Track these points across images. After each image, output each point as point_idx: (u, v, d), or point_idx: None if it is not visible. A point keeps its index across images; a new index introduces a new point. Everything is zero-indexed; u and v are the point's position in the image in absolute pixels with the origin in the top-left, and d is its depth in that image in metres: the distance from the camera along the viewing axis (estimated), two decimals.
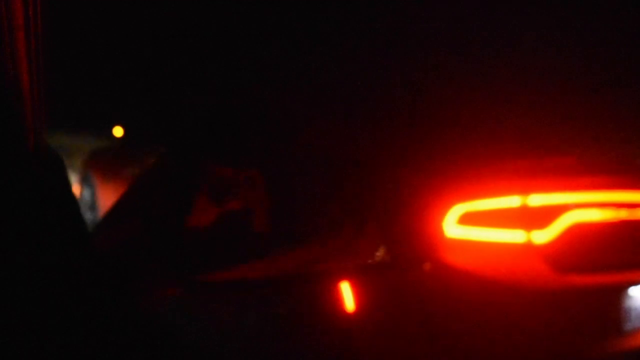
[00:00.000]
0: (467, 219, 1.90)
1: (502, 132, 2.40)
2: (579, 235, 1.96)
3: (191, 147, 2.69)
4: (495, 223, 1.91)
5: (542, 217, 1.94)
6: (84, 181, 5.28)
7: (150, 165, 2.93)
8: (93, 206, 4.89)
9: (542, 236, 1.93)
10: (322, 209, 2.18)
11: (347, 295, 1.88)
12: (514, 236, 1.92)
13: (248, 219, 2.28)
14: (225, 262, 2.13)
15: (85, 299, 1.08)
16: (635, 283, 2.00)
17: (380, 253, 1.96)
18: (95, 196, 4.97)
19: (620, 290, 1.99)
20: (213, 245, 2.25)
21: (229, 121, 2.72)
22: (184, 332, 2.00)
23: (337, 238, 2.09)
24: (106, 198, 4.43)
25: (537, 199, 1.94)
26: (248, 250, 2.20)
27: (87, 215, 4.62)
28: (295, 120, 2.55)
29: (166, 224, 2.35)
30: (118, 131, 4.76)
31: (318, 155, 2.29)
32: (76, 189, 5.56)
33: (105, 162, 4.95)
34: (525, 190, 1.94)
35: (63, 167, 1.15)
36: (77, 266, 1.10)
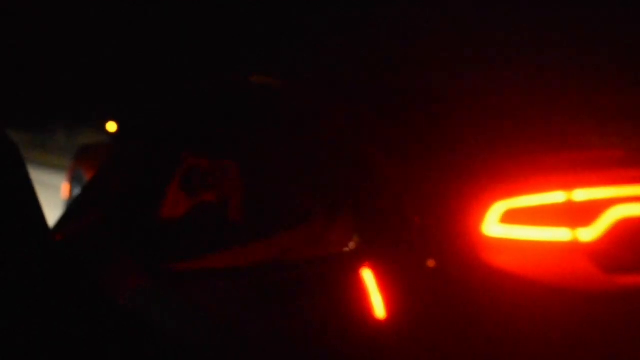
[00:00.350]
0: (509, 217, 1.78)
1: (541, 124, 2.29)
2: (626, 231, 1.84)
3: (165, 135, 2.58)
4: (538, 221, 1.79)
5: (588, 213, 1.82)
6: (75, 179, 5.10)
7: (118, 153, 2.83)
8: None
9: (588, 234, 1.81)
10: (296, 199, 2.12)
11: (374, 296, 1.75)
12: (558, 234, 1.80)
13: (221, 209, 2.21)
14: (197, 251, 2.06)
15: (44, 291, 1.04)
16: None
17: (353, 243, 1.89)
18: None
19: None
20: (185, 235, 2.17)
21: (207, 109, 2.61)
22: (155, 320, 1.91)
23: (309, 227, 2.03)
24: None
25: (583, 194, 1.82)
26: (220, 239, 2.12)
27: None
28: (296, 110, 2.41)
29: (137, 214, 2.26)
30: (112, 126, 4.62)
31: (315, 148, 2.17)
32: (66, 187, 5.38)
33: (97, 158, 4.78)
34: (569, 185, 1.81)
35: (19, 157, 1.13)
36: (34, 259, 1.05)
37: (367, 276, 1.77)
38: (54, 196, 5.76)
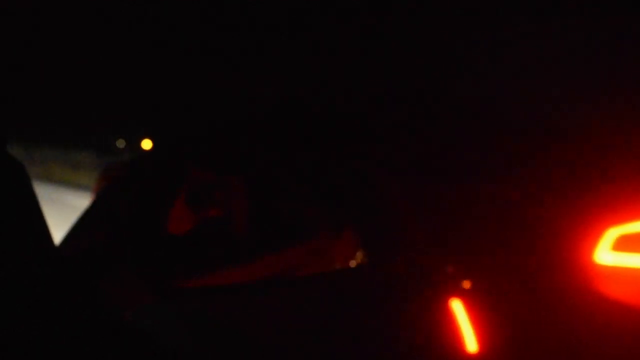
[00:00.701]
0: (623, 244, 1.67)
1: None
2: None
3: (172, 149, 2.58)
4: None
5: None
6: None
7: (129, 167, 2.83)
8: None
9: None
10: (302, 215, 2.10)
11: (465, 327, 1.61)
12: None
13: (227, 225, 2.21)
14: (203, 267, 2.05)
15: (47, 309, 1.05)
16: None
17: (357, 258, 1.86)
18: None
19: None
20: (191, 251, 2.15)
21: (218, 124, 2.61)
22: (161, 337, 1.88)
23: (315, 243, 2.01)
24: None
25: None
26: (227, 256, 2.11)
27: None
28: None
29: (143, 230, 2.26)
30: (147, 144, 4.60)
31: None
32: None
33: None
34: None
35: (24, 174, 1.15)
36: (38, 275, 1.07)
37: (456, 304, 1.65)
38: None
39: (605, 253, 1.67)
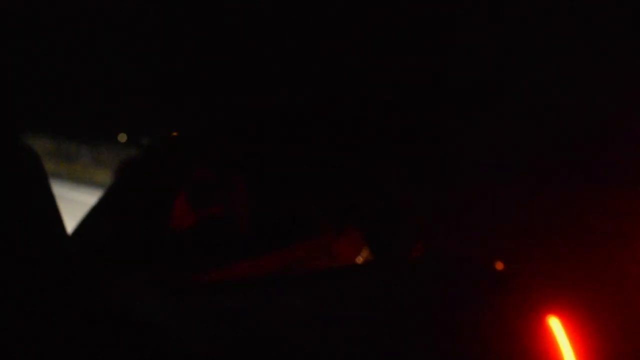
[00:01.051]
0: None
1: None
2: None
3: (175, 147, 2.54)
4: None
5: None
6: None
7: (137, 161, 2.82)
8: None
9: None
10: (304, 210, 2.09)
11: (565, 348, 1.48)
12: None
13: (229, 222, 2.20)
14: (206, 264, 2.04)
15: (57, 305, 1.05)
16: None
17: (363, 254, 1.87)
18: None
19: None
20: (194, 248, 2.15)
21: (219, 123, 2.60)
22: (167, 332, 1.79)
23: (317, 239, 2.01)
24: None
25: None
26: (229, 253, 2.11)
27: None
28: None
29: (147, 225, 2.26)
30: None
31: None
32: None
33: None
34: None
35: (39, 164, 1.15)
36: (48, 270, 1.07)
37: (554, 323, 1.51)
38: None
39: None
